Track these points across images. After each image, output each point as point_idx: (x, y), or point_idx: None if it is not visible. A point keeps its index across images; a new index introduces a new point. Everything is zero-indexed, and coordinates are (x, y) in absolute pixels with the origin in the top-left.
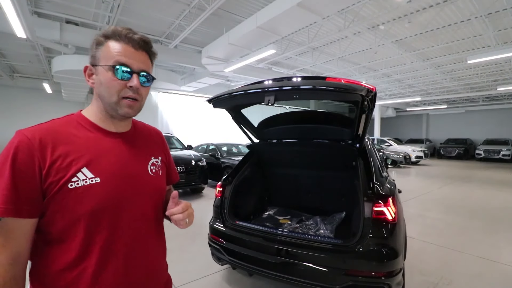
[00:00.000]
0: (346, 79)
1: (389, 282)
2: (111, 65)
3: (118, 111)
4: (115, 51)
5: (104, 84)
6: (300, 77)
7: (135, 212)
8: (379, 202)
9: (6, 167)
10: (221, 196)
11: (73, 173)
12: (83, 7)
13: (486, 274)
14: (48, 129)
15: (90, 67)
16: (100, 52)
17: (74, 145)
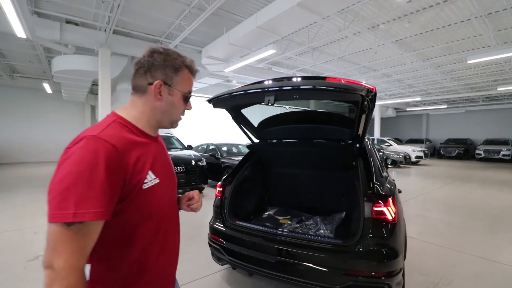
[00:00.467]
0: (346, 79)
1: (389, 282)
2: (186, 93)
3: (173, 125)
4: (190, 82)
5: (176, 105)
6: (300, 77)
7: (175, 207)
8: (379, 202)
9: (101, 173)
10: (221, 196)
11: (145, 175)
12: (83, 7)
13: (486, 274)
14: (119, 136)
15: (163, 85)
16: (178, 77)
17: (139, 150)
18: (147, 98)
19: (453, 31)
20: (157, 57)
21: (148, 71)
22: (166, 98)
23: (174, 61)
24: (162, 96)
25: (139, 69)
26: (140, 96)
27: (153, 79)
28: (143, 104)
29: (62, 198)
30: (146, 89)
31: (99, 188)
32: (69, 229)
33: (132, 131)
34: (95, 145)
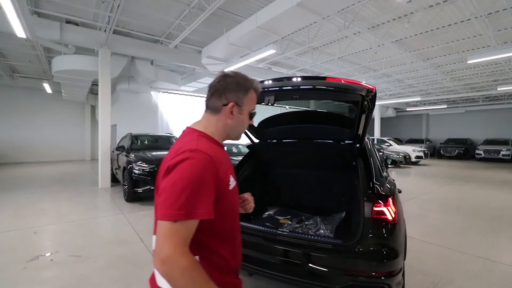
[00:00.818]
0: (346, 79)
1: (389, 282)
2: (252, 111)
3: (238, 138)
4: (255, 101)
5: (244, 122)
6: (300, 77)
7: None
8: (379, 202)
9: (207, 179)
10: None
11: (229, 179)
12: (83, 7)
13: (486, 274)
14: (210, 148)
15: (235, 105)
16: (246, 98)
17: (222, 159)
18: (220, 116)
19: (453, 31)
20: (230, 81)
21: (223, 93)
22: (237, 117)
23: (244, 84)
24: (234, 115)
25: (214, 92)
26: (214, 114)
27: (227, 101)
28: (217, 121)
29: (174, 200)
30: (220, 109)
31: (205, 192)
32: (175, 225)
33: (212, 142)
34: (200, 157)
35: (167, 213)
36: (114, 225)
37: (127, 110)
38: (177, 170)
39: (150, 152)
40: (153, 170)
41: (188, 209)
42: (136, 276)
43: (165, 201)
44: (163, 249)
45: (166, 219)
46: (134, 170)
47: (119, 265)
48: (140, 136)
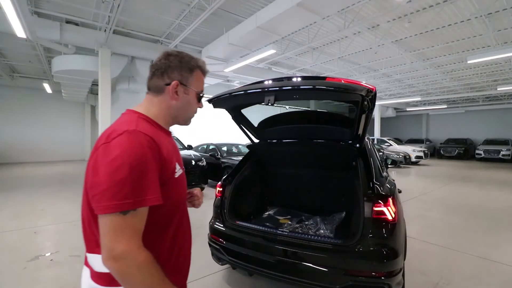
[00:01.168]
0: (346, 79)
1: (389, 282)
2: (200, 92)
3: (187, 122)
4: (202, 81)
5: (191, 103)
6: (300, 77)
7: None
8: (379, 202)
9: (150, 163)
10: (221, 196)
11: (174, 165)
12: (83, 7)
13: (486, 274)
14: (151, 129)
15: (180, 85)
16: (192, 77)
17: (165, 143)
18: (164, 97)
19: (453, 31)
20: (173, 60)
21: (165, 72)
22: (182, 97)
23: (189, 62)
24: (179, 95)
25: (156, 71)
26: (156, 95)
27: (170, 80)
28: (160, 102)
29: (118, 189)
30: (163, 89)
31: (151, 177)
32: (126, 217)
33: (154, 126)
34: (139, 138)
35: (111, 205)
36: None
37: None
38: (114, 154)
39: None
40: None
41: (136, 196)
42: None
43: (105, 192)
44: (117, 246)
45: (112, 211)
46: None
47: None
48: None
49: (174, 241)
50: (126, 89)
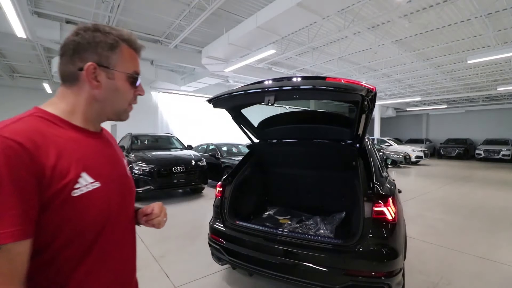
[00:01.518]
0: (346, 79)
1: (389, 282)
2: (132, 74)
3: (121, 117)
4: (133, 60)
5: (121, 91)
6: (300, 77)
7: (127, 215)
8: (379, 202)
9: (13, 177)
10: (221, 196)
11: (74, 179)
12: (83, 7)
13: (486, 274)
14: (31, 131)
15: (98, 67)
16: (116, 56)
17: (64, 146)
18: (81, 88)
19: (453, 31)
20: (84, 35)
21: (76, 53)
22: (105, 84)
23: (107, 36)
24: (100, 81)
25: (64, 53)
26: (70, 86)
27: (84, 62)
28: (76, 95)
29: None
30: (78, 77)
31: (8, 201)
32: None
33: (56, 125)
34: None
35: None
36: None
37: None
38: None
39: (150, 152)
40: (153, 170)
41: None
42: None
43: None
44: None
45: None
46: (134, 170)
47: None
48: (140, 136)
49: (94, 283)
50: None
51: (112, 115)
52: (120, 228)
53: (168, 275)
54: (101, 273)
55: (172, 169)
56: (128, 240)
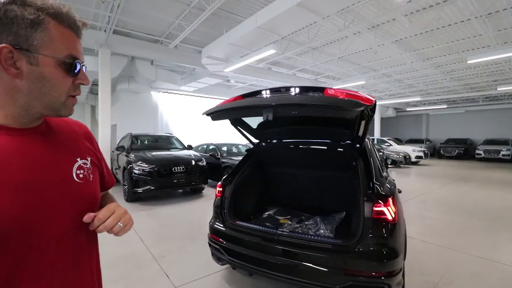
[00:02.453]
0: (346, 91)
1: (389, 282)
2: (65, 59)
3: (62, 112)
4: (67, 39)
5: (52, 81)
6: (298, 89)
7: (58, 231)
8: (379, 202)
9: None
10: (221, 196)
11: None
12: (83, 7)
13: (486, 274)
14: None
15: (16, 51)
16: (40, 35)
17: None
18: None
19: (453, 31)
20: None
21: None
22: (27, 71)
23: (25, 9)
24: (20, 68)
25: None
26: None
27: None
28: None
29: None
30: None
31: None
32: None
33: None
34: None
35: None
36: None
37: (127, 110)
38: None
39: (150, 152)
40: (153, 170)
41: None
42: (136, 276)
43: None
44: None
45: None
46: (134, 170)
47: (119, 265)
48: (140, 136)
49: None
50: (126, 89)
51: (45, 110)
52: (48, 247)
53: (168, 275)
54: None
55: (172, 169)
56: (80, 252)
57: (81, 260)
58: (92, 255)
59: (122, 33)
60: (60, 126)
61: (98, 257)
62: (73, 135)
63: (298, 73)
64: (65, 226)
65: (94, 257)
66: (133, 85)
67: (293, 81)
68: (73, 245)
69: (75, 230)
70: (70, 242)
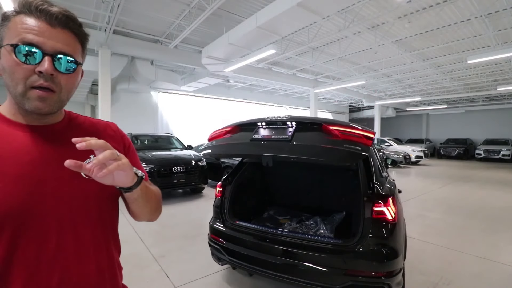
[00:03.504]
0: (345, 125)
1: (389, 282)
2: (14, 44)
3: (26, 105)
4: (21, 26)
5: (7, 69)
6: (295, 124)
7: (58, 224)
8: (379, 202)
9: None
10: (221, 196)
11: None
12: (83, 7)
13: (486, 274)
14: None
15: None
16: (4, 29)
17: None
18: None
19: (453, 31)
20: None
21: None
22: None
23: (3, 13)
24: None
25: None
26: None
27: None
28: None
29: None
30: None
31: None
32: None
33: None
34: None
35: None
36: None
37: (127, 110)
38: None
39: (150, 152)
40: (153, 170)
41: None
42: (136, 276)
43: None
44: None
45: None
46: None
47: None
48: (140, 136)
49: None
50: (126, 89)
51: (18, 104)
52: (63, 235)
53: (168, 275)
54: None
55: (172, 169)
56: (83, 248)
57: (84, 256)
58: (101, 252)
59: (122, 33)
60: (84, 125)
61: (113, 254)
62: (94, 134)
63: (298, 73)
64: (67, 219)
65: (105, 255)
66: (133, 85)
67: (293, 81)
68: (75, 240)
69: (78, 225)
70: (71, 237)
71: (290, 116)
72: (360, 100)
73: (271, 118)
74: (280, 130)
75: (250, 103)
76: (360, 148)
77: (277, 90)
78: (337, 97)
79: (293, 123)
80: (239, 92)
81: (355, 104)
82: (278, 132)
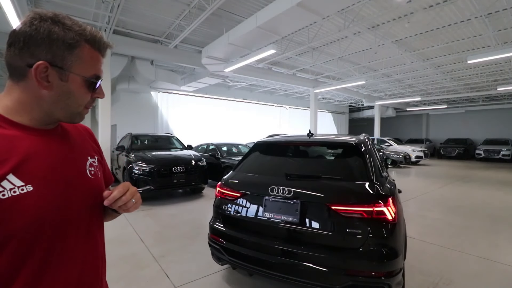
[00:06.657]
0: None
1: (389, 282)
2: (90, 78)
3: (74, 119)
4: (94, 61)
5: (74, 95)
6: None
7: (80, 223)
8: (379, 202)
9: None
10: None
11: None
12: (83, 7)
13: (486, 274)
14: None
15: (51, 67)
16: (73, 56)
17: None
18: (28, 85)
19: (453, 31)
20: (39, 27)
21: (26, 47)
22: (57, 86)
23: (66, 33)
24: (51, 82)
25: (12, 44)
26: (17, 82)
27: (34, 60)
28: (22, 91)
29: None
30: (26, 73)
31: None
32: None
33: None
34: None
35: None
36: (114, 225)
37: (127, 110)
38: None
39: (150, 152)
40: (153, 170)
41: None
42: (136, 276)
43: None
44: None
45: None
46: (134, 170)
47: (119, 265)
48: (140, 136)
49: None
50: (126, 89)
51: (63, 118)
52: (70, 235)
53: (168, 275)
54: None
55: (172, 169)
56: (85, 248)
57: (94, 249)
58: (100, 244)
59: (122, 33)
60: (70, 127)
61: (104, 245)
62: (82, 136)
63: (298, 73)
64: (83, 216)
65: (102, 246)
66: (133, 85)
67: (293, 81)
68: (88, 234)
69: (89, 220)
70: (85, 231)
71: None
72: (360, 100)
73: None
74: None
75: (250, 103)
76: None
77: (277, 90)
78: (337, 97)
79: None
80: (239, 92)
81: (355, 104)
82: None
